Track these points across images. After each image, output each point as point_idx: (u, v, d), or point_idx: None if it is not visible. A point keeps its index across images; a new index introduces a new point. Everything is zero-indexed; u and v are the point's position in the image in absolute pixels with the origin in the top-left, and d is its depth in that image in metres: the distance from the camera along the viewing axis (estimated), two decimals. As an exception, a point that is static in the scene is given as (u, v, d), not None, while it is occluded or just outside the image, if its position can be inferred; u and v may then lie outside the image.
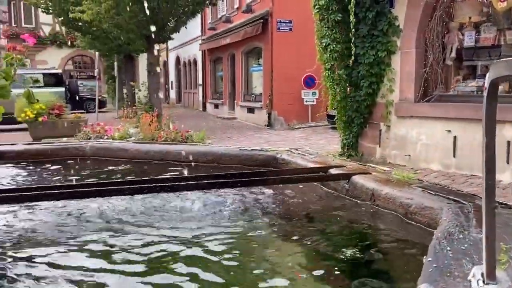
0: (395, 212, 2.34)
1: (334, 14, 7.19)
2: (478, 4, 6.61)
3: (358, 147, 7.97)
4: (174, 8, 11.12)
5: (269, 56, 13.87)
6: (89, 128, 6.52)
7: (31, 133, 10.03)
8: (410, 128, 7.07)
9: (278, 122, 13.57)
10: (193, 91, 24.34)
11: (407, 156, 7.10)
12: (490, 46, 6.57)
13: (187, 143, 6.67)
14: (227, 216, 2.49)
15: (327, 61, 7.37)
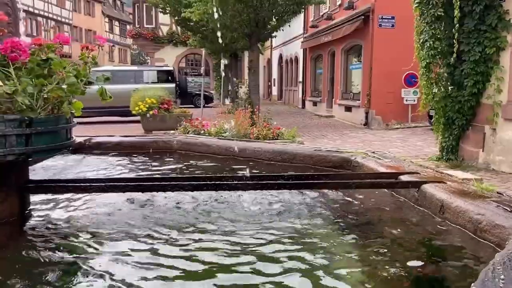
0: (464, 228, 2.14)
1: (434, 8, 6.84)
2: None
3: (459, 150, 7.51)
4: (275, 7, 11.40)
5: (369, 54, 13.53)
6: (188, 122, 7.03)
7: (143, 125, 11.03)
8: (519, 132, 6.48)
9: (376, 121, 13.19)
10: (293, 88, 24.60)
11: (514, 162, 6.53)
12: None
13: (278, 140, 6.88)
14: (284, 217, 2.53)
15: (423, 59, 7.05)
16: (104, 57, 46.23)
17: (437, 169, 3.29)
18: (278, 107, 23.19)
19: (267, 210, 2.55)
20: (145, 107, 10.63)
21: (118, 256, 2.00)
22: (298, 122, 15.18)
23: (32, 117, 2.04)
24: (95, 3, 44.55)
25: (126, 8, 52.19)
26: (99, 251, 2.07)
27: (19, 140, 2.03)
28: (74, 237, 2.23)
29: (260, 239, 2.19)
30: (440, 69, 7.30)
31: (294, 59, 24.03)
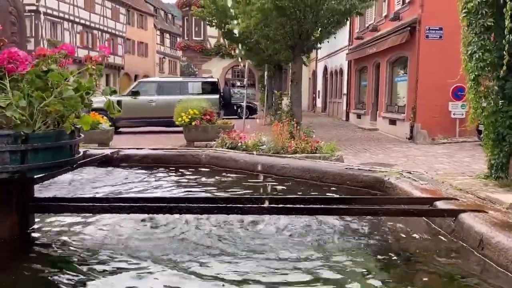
0: (506, 270, 1.83)
1: (484, 18, 6.55)
2: None
3: (509, 168, 7.09)
4: (318, 19, 11.36)
5: (415, 65, 13.15)
6: (226, 134, 7.06)
7: (186, 136, 11.25)
8: None
9: (421, 135, 12.75)
10: (337, 100, 24.33)
11: None
12: None
13: (316, 154, 6.78)
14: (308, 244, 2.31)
15: (471, 71, 6.75)
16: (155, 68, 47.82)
17: (479, 195, 2.98)
18: (321, 119, 22.99)
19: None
20: (188, 118, 10.84)
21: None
22: (340, 135, 14.97)
23: (28, 133, 1.92)
24: (147, 16, 46.22)
25: (177, 21, 53.77)
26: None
27: (13, 157, 1.91)
28: (77, 261, 2.09)
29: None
30: (489, 82, 6.97)
31: (339, 71, 23.82)
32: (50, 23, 30.23)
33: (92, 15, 34.75)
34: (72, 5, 32.20)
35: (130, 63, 40.47)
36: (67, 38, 31.10)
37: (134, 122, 14.96)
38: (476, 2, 6.58)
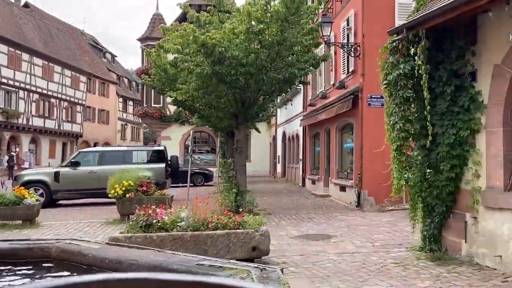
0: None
1: (403, 90, 6.55)
2: None
3: (441, 240, 6.81)
4: (261, 87, 11.34)
5: (359, 132, 13.21)
6: (141, 210, 6.56)
7: (119, 209, 10.63)
8: (500, 222, 5.84)
9: (368, 203, 12.52)
10: (295, 165, 24.23)
11: (498, 257, 5.81)
12: None
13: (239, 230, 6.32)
14: None
15: (394, 141, 6.64)
16: (116, 135, 47.31)
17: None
18: (278, 185, 22.70)
19: None
20: (121, 190, 10.28)
21: None
22: (290, 202, 14.61)
23: None
24: (110, 84, 46.42)
25: (141, 88, 54.33)
26: None
27: None
28: None
29: None
30: (414, 152, 6.86)
31: (296, 136, 23.96)
32: (4, 92, 29.67)
33: (50, 84, 34.48)
34: (29, 74, 31.93)
35: (90, 131, 39.89)
36: (22, 107, 30.50)
37: (74, 194, 14.22)
38: (395, 74, 6.61)
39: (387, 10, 12.35)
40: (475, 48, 6.29)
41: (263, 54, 10.06)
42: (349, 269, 5.98)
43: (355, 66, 13.70)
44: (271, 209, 12.64)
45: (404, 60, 6.53)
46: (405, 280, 5.40)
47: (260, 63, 10.09)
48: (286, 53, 10.52)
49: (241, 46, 9.80)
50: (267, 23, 9.65)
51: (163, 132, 31.10)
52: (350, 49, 13.26)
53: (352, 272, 5.84)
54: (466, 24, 6.28)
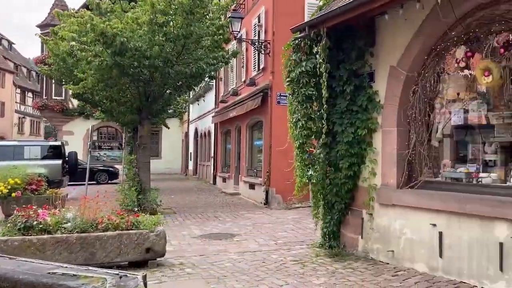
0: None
1: (305, 88, 6.54)
2: (465, 78, 5.80)
3: (340, 237, 6.94)
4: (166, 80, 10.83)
5: (268, 130, 13.28)
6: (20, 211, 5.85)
7: (3, 209, 9.56)
8: (393, 218, 6.05)
9: (276, 200, 12.63)
10: (206, 163, 23.91)
11: (390, 252, 6.01)
12: (481, 125, 5.67)
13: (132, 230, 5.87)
14: None
15: (297, 139, 6.63)
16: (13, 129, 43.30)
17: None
18: (189, 183, 22.24)
19: None
20: (6, 188, 9.23)
21: None
22: (198, 201, 14.28)
23: None
24: (6, 73, 42.36)
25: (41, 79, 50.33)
26: None
27: None
28: None
29: None
30: (316, 150, 6.90)
31: (208, 133, 23.65)
32: None
33: None
34: None
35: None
36: None
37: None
38: (297, 72, 6.57)
39: (297, 8, 12.50)
40: (373, 49, 6.46)
41: (168, 47, 9.61)
42: (247, 268, 5.83)
43: (266, 63, 13.74)
44: (177, 207, 12.22)
45: (307, 58, 6.52)
46: (302, 278, 5.36)
47: (166, 56, 9.63)
48: (193, 46, 10.15)
49: (144, 38, 9.26)
50: (171, 15, 9.21)
51: (65, 127, 29.03)
52: (261, 46, 13.25)
53: (250, 271, 5.70)
54: (365, 26, 6.42)
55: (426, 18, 5.58)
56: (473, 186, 5.33)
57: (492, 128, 5.52)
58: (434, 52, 5.75)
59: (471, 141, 5.91)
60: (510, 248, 4.53)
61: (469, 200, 4.96)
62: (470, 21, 5.29)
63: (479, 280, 4.84)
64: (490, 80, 5.07)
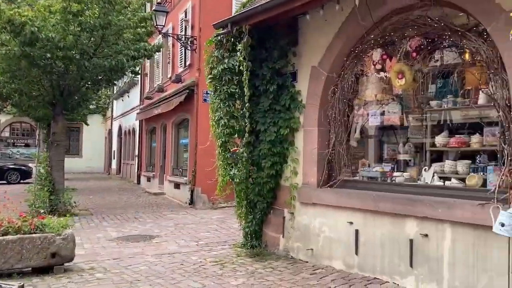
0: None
1: (228, 85, 6.41)
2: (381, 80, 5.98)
3: (262, 236, 6.90)
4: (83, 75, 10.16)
5: (194, 128, 13.02)
6: None
7: None
8: (313, 217, 6.10)
9: (201, 200, 12.40)
10: (130, 162, 23.04)
11: (310, 250, 6.06)
12: (396, 126, 5.89)
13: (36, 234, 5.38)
14: None
15: (219, 137, 6.48)
16: None
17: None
18: (111, 183, 21.29)
19: None
20: None
21: None
22: (119, 201, 13.66)
23: None
24: None
25: None
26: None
27: None
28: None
29: None
30: (240, 149, 6.78)
31: (132, 131, 22.79)
32: None
33: None
34: None
35: None
36: None
37: None
38: (220, 69, 6.42)
39: (224, 4, 12.35)
40: (296, 49, 6.47)
41: (84, 38, 9.01)
42: (164, 271, 5.58)
43: (192, 60, 13.46)
44: (95, 208, 11.57)
45: (229, 55, 6.39)
46: (220, 279, 5.22)
47: (82, 47, 9.02)
48: (113, 38, 9.62)
49: (57, 27, 8.60)
50: (86, 3, 8.64)
51: (-30, 122, 26.62)
52: (187, 42, 12.94)
53: (166, 274, 5.46)
54: (288, 25, 6.42)
55: (346, 20, 5.67)
56: (387, 185, 5.50)
57: (406, 129, 5.75)
58: (353, 53, 5.87)
59: (387, 141, 6.12)
60: (419, 244, 4.71)
61: (383, 199, 5.10)
62: (386, 25, 5.45)
63: (391, 276, 5.00)
64: (403, 83, 5.25)
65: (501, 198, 4.07)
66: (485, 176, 4.52)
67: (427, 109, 5.33)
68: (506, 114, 4.17)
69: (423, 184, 5.12)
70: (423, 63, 5.07)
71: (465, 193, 4.56)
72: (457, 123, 5.02)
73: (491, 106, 4.44)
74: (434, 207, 4.55)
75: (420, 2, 4.99)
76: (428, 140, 5.35)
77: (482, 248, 4.18)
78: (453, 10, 4.73)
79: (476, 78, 4.64)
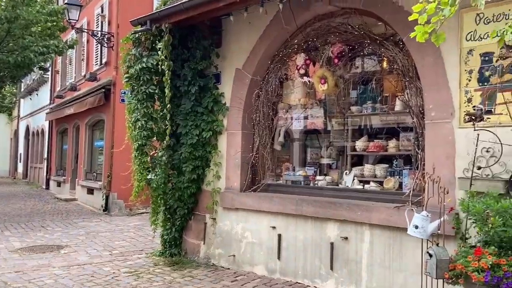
0: None
1: (146, 85, 6.08)
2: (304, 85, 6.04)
3: (182, 243, 6.64)
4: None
5: (110, 130, 12.32)
6: None
7: None
8: (236, 222, 5.98)
9: (117, 206, 11.74)
10: (39, 165, 21.34)
11: (232, 256, 5.92)
12: (320, 130, 5.97)
13: None
14: None
15: (136, 140, 6.13)
16: None
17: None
18: (16, 188, 19.57)
19: None
20: None
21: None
22: (24, 208, 12.51)
23: None
24: None
25: None
26: None
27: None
28: None
29: None
30: (158, 152, 6.47)
31: (41, 132, 21.14)
32: None
33: None
34: None
35: None
36: None
37: None
38: (138, 68, 6.07)
39: (145, 0, 11.86)
40: (219, 50, 6.33)
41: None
42: (72, 285, 5.12)
43: (109, 57, 12.75)
44: (-3, 217, 10.48)
45: (149, 54, 6.07)
46: (135, 292, 4.90)
47: (-17, 40, 8.13)
48: (20, 33, 8.78)
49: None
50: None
51: None
52: (103, 38, 12.23)
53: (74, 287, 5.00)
54: (211, 25, 6.26)
55: (270, 23, 5.65)
56: (309, 188, 5.55)
57: (329, 133, 5.85)
58: (277, 57, 5.86)
59: (311, 145, 6.20)
60: (340, 248, 4.78)
61: (305, 202, 5.12)
62: (309, 31, 5.51)
63: (312, 279, 5.02)
64: (325, 88, 5.33)
65: (415, 201, 4.25)
66: (401, 180, 4.71)
67: (349, 114, 5.47)
68: (420, 121, 4.38)
69: (344, 187, 5.23)
70: (345, 70, 5.20)
71: (383, 196, 4.72)
72: (376, 128, 5.20)
73: (407, 113, 4.64)
74: (354, 210, 4.64)
75: (341, 10, 5.10)
76: (349, 144, 5.49)
77: (398, 249, 4.33)
78: (372, 19, 4.89)
79: (393, 85, 4.84)
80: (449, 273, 3.30)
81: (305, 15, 5.37)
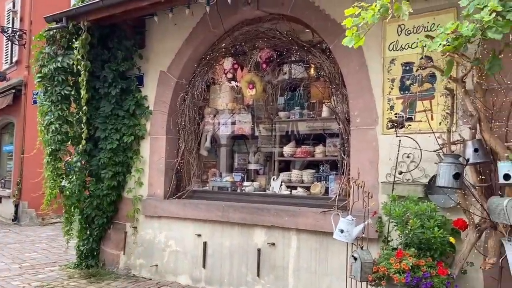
0: None
1: (61, 86, 5.64)
2: (232, 90, 5.95)
3: (100, 254, 6.21)
4: None
5: (21, 134, 11.39)
6: None
7: None
8: (159, 231, 5.70)
9: (28, 216, 10.83)
10: None
11: (154, 266, 5.64)
12: (247, 136, 5.91)
13: None
14: None
15: (48, 144, 5.65)
16: None
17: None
18: None
19: None
20: None
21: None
22: None
23: None
24: None
25: None
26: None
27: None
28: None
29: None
30: (73, 158, 6.02)
31: None
32: None
33: None
34: None
35: None
36: None
37: None
38: (51, 68, 5.61)
39: (61, -3, 11.13)
40: (143, 51, 6.05)
41: None
42: (-26, 306, 4.57)
43: (20, 56, 11.83)
44: None
45: (64, 53, 5.63)
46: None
47: None
48: None
49: None
50: None
51: None
52: (14, 35, 11.30)
53: (-23, 309, 4.47)
54: (134, 25, 5.97)
55: (197, 25, 5.50)
56: (237, 194, 5.45)
57: (257, 138, 5.81)
58: (204, 60, 5.72)
59: (238, 150, 6.11)
60: (267, 254, 4.73)
61: (232, 209, 5.01)
62: (238, 35, 5.44)
63: (238, 287, 4.91)
64: (254, 93, 5.29)
65: (340, 206, 4.32)
66: (327, 185, 4.77)
67: (276, 120, 5.47)
68: (345, 127, 4.47)
69: (271, 193, 5.20)
70: (273, 75, 5.19)
71: (310, 201, 4.75)
72: (303, 134, 5.25)
73: (333, 119, 4.72)
74: (281, 216, 4.61)
75: (270, 15, 5.09)
76: (277, 150, 5.49)
77: (324, 253, 4.37)
78: (300, 26, 4.93)
79: (321, 92, 4.91)
80: (372, 276, 3.37)
81: (233, 19, 5.29)
